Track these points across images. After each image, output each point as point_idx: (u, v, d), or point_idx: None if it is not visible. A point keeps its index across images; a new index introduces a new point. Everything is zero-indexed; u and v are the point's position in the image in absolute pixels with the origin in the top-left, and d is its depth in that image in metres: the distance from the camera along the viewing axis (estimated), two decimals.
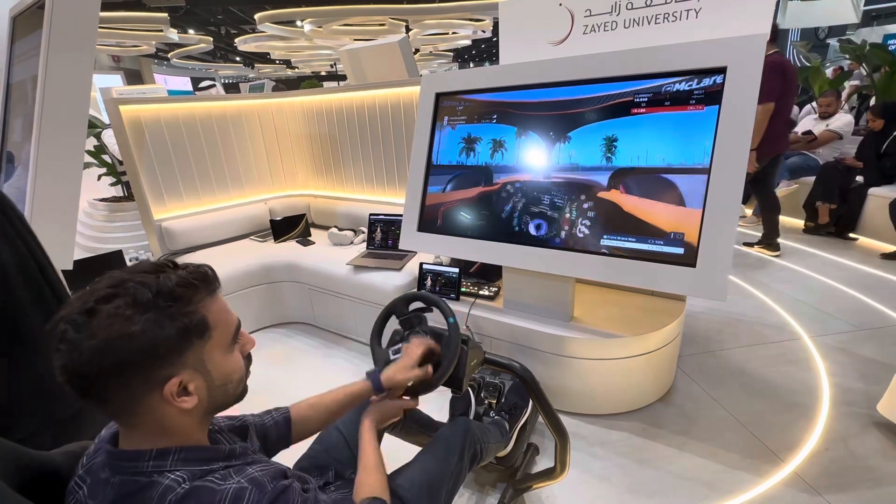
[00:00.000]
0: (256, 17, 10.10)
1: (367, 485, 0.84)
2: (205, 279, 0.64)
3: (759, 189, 3.59)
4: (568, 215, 1.76)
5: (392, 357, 1.11)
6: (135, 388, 0.58)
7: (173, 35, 10.44)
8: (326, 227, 3.28)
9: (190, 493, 0.57)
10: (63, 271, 1.02)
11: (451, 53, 17.79)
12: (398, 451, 1.21)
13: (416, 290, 2.27)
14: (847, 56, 6.00)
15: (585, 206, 1.72)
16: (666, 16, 1.64)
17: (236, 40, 12.63)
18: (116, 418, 0.62)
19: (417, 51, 15.03)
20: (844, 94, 6.13)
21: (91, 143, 4.33)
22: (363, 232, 2.99)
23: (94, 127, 4.37)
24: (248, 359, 0.71)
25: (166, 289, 0.58)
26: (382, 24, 10.83)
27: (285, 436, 0.95)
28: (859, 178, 4.01)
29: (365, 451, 0.91)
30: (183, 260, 3.00)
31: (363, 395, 1.02)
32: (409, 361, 1.03)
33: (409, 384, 1.03)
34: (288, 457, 1.04)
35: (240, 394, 0.70)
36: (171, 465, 0.60)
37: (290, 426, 0.96)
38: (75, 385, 0.56)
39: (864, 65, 5.76)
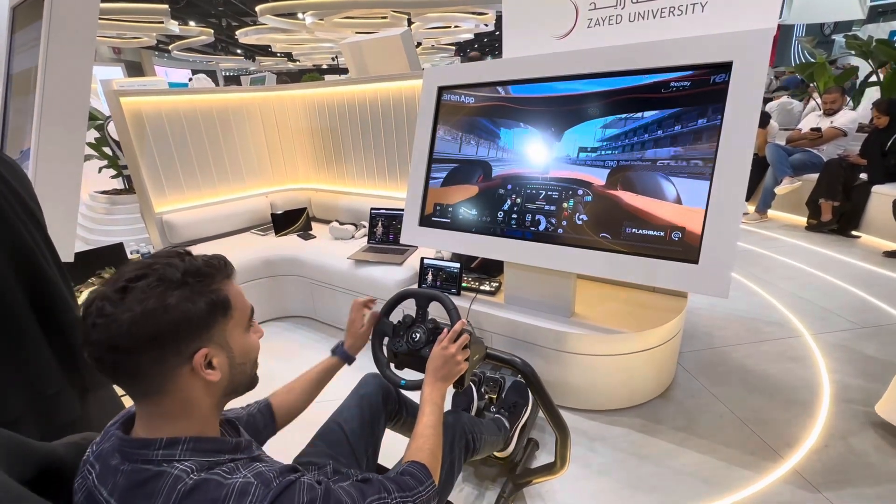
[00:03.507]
0: (257, 9, 10.04)
1: (409, 449, 0.89)
2: (221, 264, 0.69)
3: None
4: (570, 211, 1.75)
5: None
6: (166, 361, 0.61)
7: (174, 27, 10.39)
8: (327, 221, 3.28)
9: (198, 486, 0.58)
10: (64, 263, 1.01)
11: (454, 47, 17.68)
12: (399, 445, 1.20)
13: (416, 285, 2.27)
14: (853, 52, 5.95)
15: (588, 201, 1.71)
16: (671, 9, 1.62)
17: (237, 32, 12.56)
18: (144, 397, 0.64)
19: (419, 45, 14.95)
20: None
21: (92, 135, 4.31)
22: (364, 226, 2.99)
23: (95, 119, 4.34)
24: None
25: (193, 268, 0.63)
26: (384, 17, 10.78)
27: (270, 423, 1.00)
28: (863, 176, 3.99)
29: (420, 413, 0.96)
30: None
31: (333, 369, 1.13)
32: (454, 341, 1.06)
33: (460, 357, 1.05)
34: (288, 452, 1.05)
35: (252, 377, 0.74)
36: (181, 455, 0.61)
37: (273, 412, 1.01)
38: (109, 361, 0.59)
39: (869, 61, 5.72)
